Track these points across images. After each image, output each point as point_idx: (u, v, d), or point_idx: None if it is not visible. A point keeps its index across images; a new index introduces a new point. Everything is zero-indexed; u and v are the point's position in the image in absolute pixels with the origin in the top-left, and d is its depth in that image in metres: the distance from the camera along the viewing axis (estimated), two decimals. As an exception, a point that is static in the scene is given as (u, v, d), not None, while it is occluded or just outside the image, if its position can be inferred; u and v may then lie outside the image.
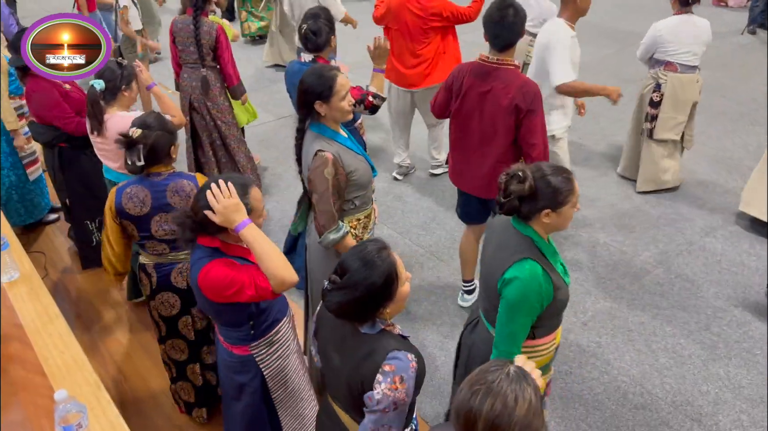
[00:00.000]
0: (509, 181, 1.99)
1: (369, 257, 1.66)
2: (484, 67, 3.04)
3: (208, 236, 2.02)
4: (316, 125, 2.58)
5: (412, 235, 4.49)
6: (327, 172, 2.46)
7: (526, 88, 2.93)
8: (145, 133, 2.46)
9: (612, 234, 4.40)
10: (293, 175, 4.83)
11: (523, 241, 2.03)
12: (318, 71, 2.50)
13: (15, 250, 2.43)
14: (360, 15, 6.07)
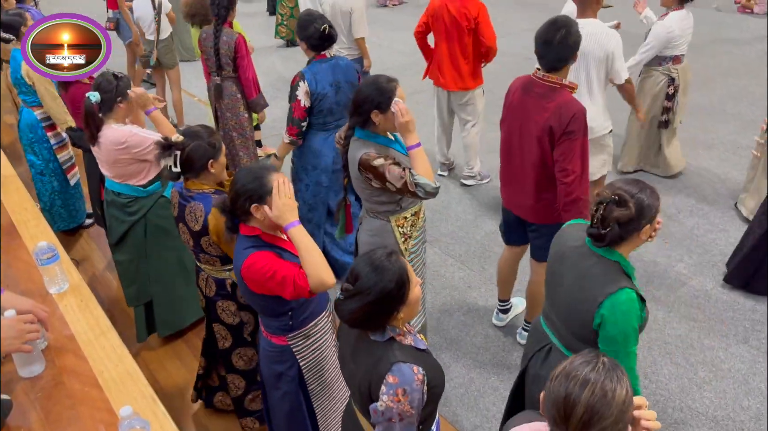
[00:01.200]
0: (607, 208, 1.91)
1: (378, 262, 1.68)
2: (532, 82, 2.93)
3: (246, 225, 2.11)
4: (363, 132, 2.63)
5: (441, 244, 4.48)
6: (376, 162, 2.54)
7: (564, 109, 2.77)
8: (185, 141, 2.47)
9: (645, 244, 4.36)
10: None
11: (611, 267, 1.97)
12: (377, 82, 2.55)
13: (64, 261, 2.46)
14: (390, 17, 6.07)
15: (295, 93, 3.55)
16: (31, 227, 2.75)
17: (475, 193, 5.08)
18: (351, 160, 2.67)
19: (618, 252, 1.99)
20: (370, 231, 2.85)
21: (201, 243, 2.56)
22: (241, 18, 7.07)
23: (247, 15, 10.35)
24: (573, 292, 2.05)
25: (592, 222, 1.98)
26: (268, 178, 2.06)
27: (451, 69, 4.73)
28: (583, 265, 2.03)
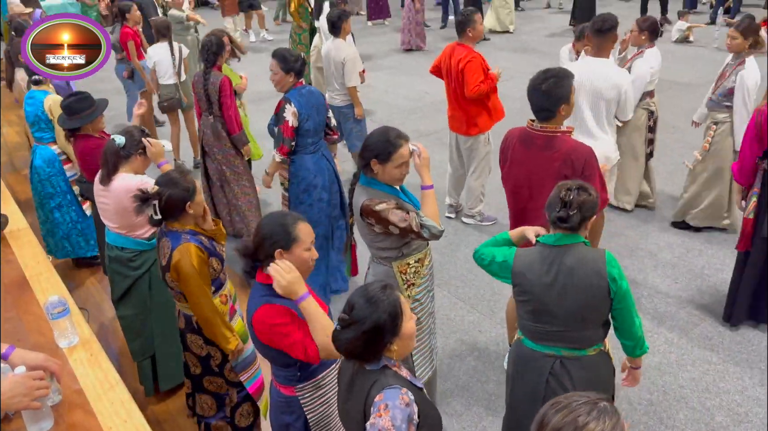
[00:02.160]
0: (577, 194, 2.20)
1: (373, 294, 1.75)
2: (530, 134, 2.96)
3: (264, 272, 2.14)
4: (367, 179, 2.69)
5: (450, 287, 4.47)
6: (378, 207, 2.58)
7: (575, 155, 2.83)
8: (161, 189, 2.60)
9: (654, 284, 4.34)
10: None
11: (585, 247, 2.29)
12: (386, 133, 2.61)
13: (74, 314, 2.48)
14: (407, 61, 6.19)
15: (283, 115, 3.85)
16: (42, 280, 2.78)
17: (485, 236, 5.08)
18: (354, 205, 2.72)
19: (580, 236, 2.28)
20: (375, 275, 2.88)
21: (166, 278, 2.68)
22: (258, 57, 7.29)
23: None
24: (568, 288, 2.26)
25: (556, 208, 2.23)
26: (294, 226, 2.13)
27: (454, 112, 4.91)
28: (562, 261, 2.26)
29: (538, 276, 2.30)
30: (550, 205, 2.28)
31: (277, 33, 13.17)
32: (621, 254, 4.66)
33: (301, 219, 2.18)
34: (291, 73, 3.90)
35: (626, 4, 13.65)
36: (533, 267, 2.30)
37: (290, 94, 3.90)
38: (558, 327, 2.32)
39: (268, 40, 12.60)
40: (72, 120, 3.56)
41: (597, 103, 3.92)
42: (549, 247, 2.30)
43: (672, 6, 12.30)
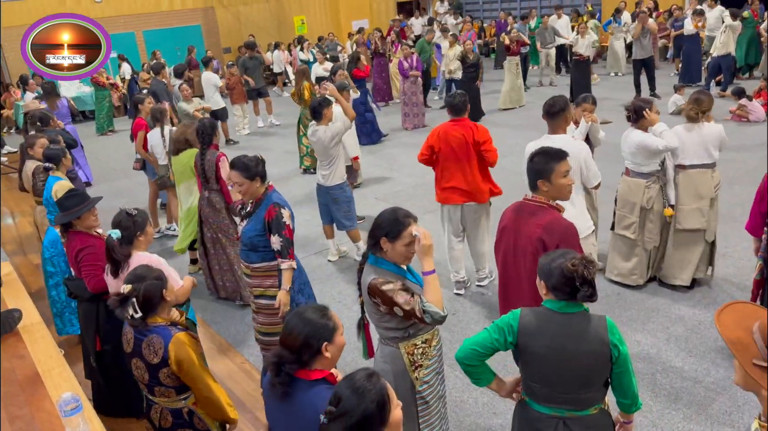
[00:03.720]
0: (587, 267, 2.31)
1: (359, 384, 1.73)
2: (523, 204, 3.25)
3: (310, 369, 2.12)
4: (375, 258, 2.76)
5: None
6: (385, 287, 2.64)
7: (555, 225, 3.06)
8: (134, 286, 2.64)
9: (668, 358, 4.28)
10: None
11: (588, 314, 2.41)
12: (394, 212, 2.72)
13: (86, 409, 2.48)
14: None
15: (283, 221, 3.66)
16: (55, 376, 2.80)
17: (494, 314, 5.07)
18: (363, 283, 2.77)
19: (582, 304, 2.41)
20: (382, 357, 2.88)
21: (159, 375, 2.67)
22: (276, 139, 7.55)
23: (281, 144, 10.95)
24: (579, 352, 2.37)
25: (573, 286, 2.33)
26: (330, 315, 2.18)
27: (459, 184, 5.07)
28: (571, 329, 2.37)
29: (543, 340, 2.41)
30: (556, 281, 2.38)
31: (286, 116, 13.63)
32: (633, 328, 4.63)
33: (326, 308, 2.23)
34: (257, 178, 3.70)
35: (623, 79, 14.12)
36: (540, 331, 2.42)
37: (276, 198, 3.76)
38: (562, 389, 2.42)
39: (276, 124, 13.01)
40: (63, 215, 3.67)
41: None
42: (554, 313, 2.42)
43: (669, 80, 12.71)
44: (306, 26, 19.96)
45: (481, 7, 22.20)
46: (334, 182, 5.86)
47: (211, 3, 18.22)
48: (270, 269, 3.80)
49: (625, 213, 5.05)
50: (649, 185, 4.90)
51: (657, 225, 5.01)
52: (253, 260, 3.80)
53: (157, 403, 2.78)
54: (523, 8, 20.41)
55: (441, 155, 5.07)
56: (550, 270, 2.42)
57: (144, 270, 2.76)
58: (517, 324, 2.46)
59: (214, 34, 18.40)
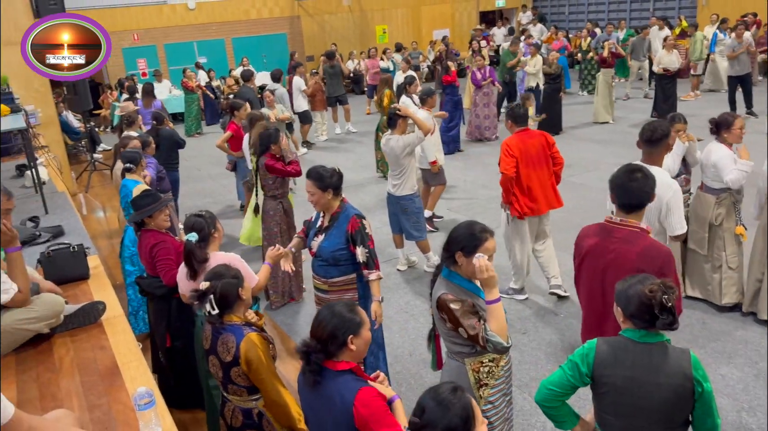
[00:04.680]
0: (667, 293, 2.20)
1: (443, 397, 1.73)
2: (610, 228, 3.01)
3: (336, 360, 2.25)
4: (450, 272, 2.74)
5: (531, 389, 4.27)
6: (454, 305, 2.62)
7: (654, 252, 2.86)
8: (213, 283, 2.73)
9: (757, 396, 3.98)
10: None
11: (669, 346, 2.28)
12: (471, 227, 2.70)
13: (159, 404, 2.57)
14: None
15: (366, 232, 3.62)
16: (132, 369, 2.91)
17: (566, 336, 4.90)
18: (433, 296, 2.75)
19: (663, 334, 2.30)
20: (448, 371, 2.84)
21: (231, 374, 2.73)
22: (352, 146, 7.66)
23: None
24: (659, 385, 2.24)
25: (652, 314, 2.22)
26: (357, 311, 2.29)
27: (544, 191, 5.20)
28: (651, 361, 2.26)
29: (622, 370, 2.29)
30: (634, 308, 2.27)
31: (363, 124, 13.80)
32: (719, 361, 4.35)
33: (354, 304, 2.38)
34: (329, 189, 3.62)
35: (715, 96, 13.39)
36: (617, 362, 2.30)
37: (354, 210, 3.71)
38: (639, 424, 2.30)
39: (352, 131, 13.19)
40: (137, 214, 3.82)
41: (658, 211, 3.67)
42: (633, 343, 2.30)
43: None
44: (387, 35, 20.16)
45: (567, 18, 21.69)
46: (404, 192, 5.86)
47: (297, 12, 18.74)
48: (349, 282, 3.74)
49: (696, 228, 4.95)
50: (720, 202, 4.79)
51: (729, 244, 4.82)
52: (333, 275, 3.71)
53: (230, 401, 2.85)
54: (611, 18, 19.77)
55: (524, 166, 5.12)
56: (627, 297, 2.31)
57: (222, 268, 2.85)
58: (593, 354, 2.35)
59: (299, 42, 18.90)
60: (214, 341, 2.78)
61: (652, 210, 3.59)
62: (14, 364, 2.99)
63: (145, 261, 3.93)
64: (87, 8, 15.35)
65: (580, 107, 13.42)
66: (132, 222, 3.96)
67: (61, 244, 3.83)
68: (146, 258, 3.86)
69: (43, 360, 3.02)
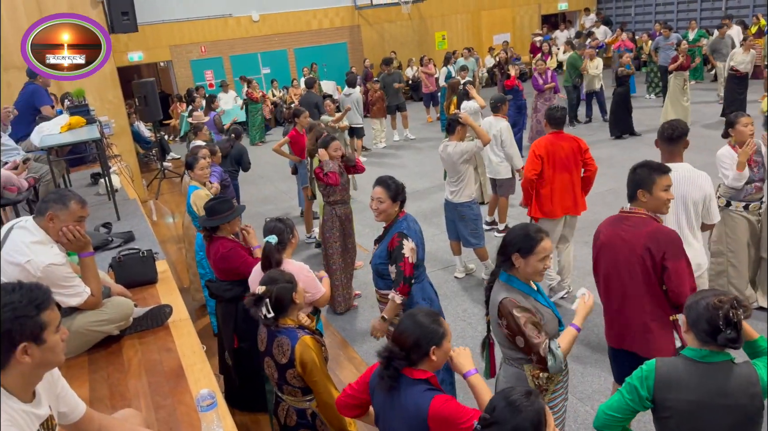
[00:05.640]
0: (735, 308, 2.10)
1: (514, 398, 1.74)
2: (622, 217, 3.21)
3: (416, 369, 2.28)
4: (507, 275, 2.74)
5: (594, 403, 4.14)
6: (516, 312, 2.60)
7: (660, 234, 3.03)
8: (268, 288, 2.79)
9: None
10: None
11: (734, 364, 2.18)
12: (525, 228, 2.71)
13: (221, 406, 2.64)
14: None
15: (402, 252, 3.52)
16: (196, 371, 3.01)
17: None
18: (492, 301, 2.74)
19: (729, 353, 2.17)
20: (505, 378, 2.81)
21: (286, 375, 2.80)
22: (410, 153, 7.61)
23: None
24: (728, 407, 2.14)
25: (715, 326, 2.11)
26: (440, 322, 2.31)
27: (573, 194, 5.27)
28: (717, 382, 2.14)
29: (685, 394, 2.18)
30: (699, 319, 2.19)
31: (421, 130, 13.81)
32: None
33: (437, 313, 2.39)
34: (398, 202, 3.63)
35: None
36: (680, 384, 2.20)
37: (402, 227, 3.60)
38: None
39: (411, 138, 13.21)
40: (211, 219, 3.93)
41: (683, 207, 3.81)
42: (695, 363, 2.20)
43: None
44: (446, 41, 20.11)
45: (633, 19, 21.04)
46: (461, 200, 5.81)
47: (358, 21, 18.95)
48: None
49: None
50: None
51: None
52: (380, 287, 3.81)
53: (285, 401, 2.93)
54: (680, 18, 19.05)
55: (549, 167, 5.18)
56: (696, 306, 2.21)
57: (277, 273, 2.94)
58: (653, 377, 2.25)
59: (358, 50, 19.10)
60: (269, 343, 2.86)
61: (698, 201, 3.78)
62: (87, 365, 3.14)
63: (214, 266, 4.04)
64: (156, 22, 16.08)
65: (649, 110, 12.96)
66: (205, 226, 4.01)
67: (131, 249, 4.00)
68: (216, 263, 3.97)
69: (113, 361, 3.16)
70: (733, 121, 4.63)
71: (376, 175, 3.83)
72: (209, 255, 4.05)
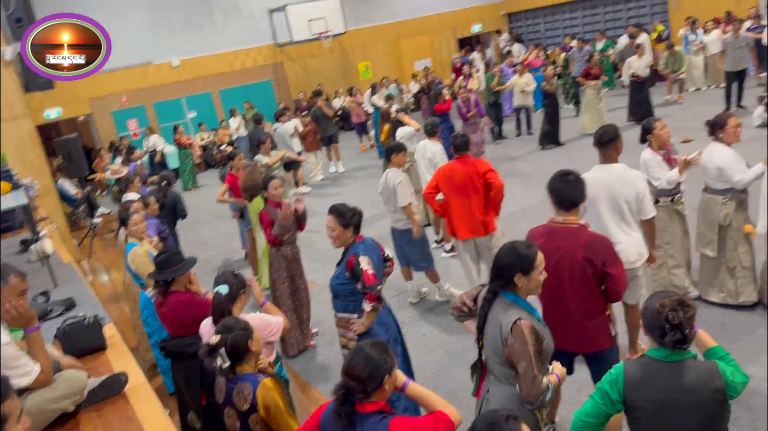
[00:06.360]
0: (676, 310, 2.21)
1: (494, 420, 1.77)
2: (554, 229, 3.40)
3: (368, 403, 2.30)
4: (513, 295, 2.77)
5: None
6: (530, 341, 2.61)
7: (596, 243, 3.29)
8: (223, 336, 2.77)
9: None
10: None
11: (696, 361, 2.29)
12: (517, 247, 2.76)
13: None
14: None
15: (360, 268, 3.70)
16: (161, 438, 2.89)
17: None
18: (502, 322, 2.70)
19: (689, 350, 2.29)
20: (499, 397, 2.80)
21: (249, 422, 2.75)
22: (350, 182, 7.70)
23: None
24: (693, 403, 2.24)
25: (662, 329, 2.23)
26: (389, 351, 2.36)
27: (472, 216, 5.41)
28: (681, 379, 2.24)
29: (653, 393, 2.27)
30: (650, 323, 2.31)
31: (357, 159, 13.89)
32: (744, 361, 4.29)
33: (384, 343, 2.45)
34: (350, 227, 3.83)
35: (705, 94, 13.56)
36: (647, 384, 2.29)
37: (358, 249, 3.82)
38: None
39: (341, 172, 13.10)
40: (164, 273, 3.84)
41: (615, 205, 4.12)
42: (660, 363, 2.29)
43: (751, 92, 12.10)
44: (370, 71, 20.44)
45: (543, 35, 22.07)
46: (407, 225, 5.89)
47: (280, 58, 19.01)
48: (350, 320, 3.89)
49: (705, 231, 4.98)
50: (726, 201, 4.78)
51: (740, 243, 4.83)
52: (338, 308, 3.98)
53: None
54: (586, 31, 20.12)
55: (447, 192, 5.45)
56: (646, 311, 2.35)
57: (232, 321, 2.91)
58: (622, 379, 2.35)
59: (284, 87, 19.13)
60: (228, 393, 2.82)
61: (631, 199, 4.07)
62: (43, 446, 2.95)
63: (173, 321, 3.91)
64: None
65: (567, 120, 13.54)
66: (157, 280, 3.92)
67: (75, 317, 3.82)
68: (176, 317, 3.86)
69: (71, 438, 2.99)
70: (649, 127, 4.93)
71: (319, 208, 3.91)
72: (164, 311, 3.93)
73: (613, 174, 4.16)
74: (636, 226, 4.20)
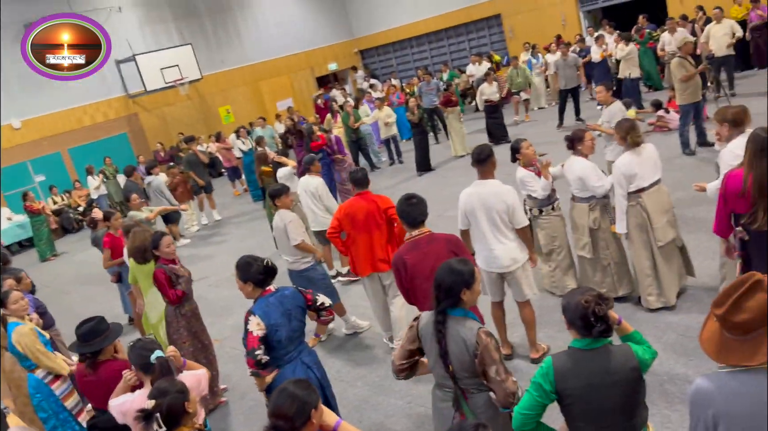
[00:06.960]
0: (600, 304, 2.47)
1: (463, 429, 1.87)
2: (415, 241, 3.96)
3: None
4: (463, 311, 2.90)
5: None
6: (493, 346, 2.78)
7: (449, 238, 3.97)
8: (158, 401, 2.72)
9: (670, 368, 4.42)
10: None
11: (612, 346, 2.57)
12: (453, 267, 2.89)
13: None
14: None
15: (246, 328, 3.62)
16: None
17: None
18: (455, 338, 2.82)
19: (606, 338, 2.55)
20: (481, 407, 2.91)
21: None
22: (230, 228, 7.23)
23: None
24: (615, 383, 2.49)
25: (588, 322, 2.48)
26: (312, 386, 2.45)
27: (375, 253, 5.41)
28: (602, 364, 2.51)
29: (580, 380, 2.51)
30: (574, 317, 2.55)
31: (233, 204, 13.59)
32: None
33: (305, 380, 2.55)
34: (249, 281, 3.70)
35: (546, 112, 14.84)
36: (574, 373, 2.53)
37: (256, 305, 3.70)
38: (608, 422, 2.54)
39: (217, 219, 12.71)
40: (92, 344, 3.63)
41: (490, 217, 4.56)
42: (583, 352, 2.55)
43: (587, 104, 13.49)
44: (232, 115, 20.19)
45: (397, 68, 23.17)
46: (303, 265, 5.91)
47: (134, 110, 18.20)
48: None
49: (578, 235, 5.44)
50: (593, 207, 5.29)
51: (610, 242, 5.34)
52: None
53: None
54: (435, 63, 21.44)
55: (349, 229, 5.45)
56: (569, 306, 2.57)
57: (166, 384, 2.81)
58: (552, 371, 2.56)
59: (141, 138, 18.30)
60: None
61: (503, 211, 4.51)
62: None
63: (103, 394, 3.62)
64: None
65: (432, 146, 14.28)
66: (85, 353, 3.69)
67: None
68: (108, 389, 3.57)
69: None
70: (517, 147, 5.42)
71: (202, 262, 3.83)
72: (94, 382, 3.69)
73: (487, 188, 4.60)
74: (511, 235, 4.61)
